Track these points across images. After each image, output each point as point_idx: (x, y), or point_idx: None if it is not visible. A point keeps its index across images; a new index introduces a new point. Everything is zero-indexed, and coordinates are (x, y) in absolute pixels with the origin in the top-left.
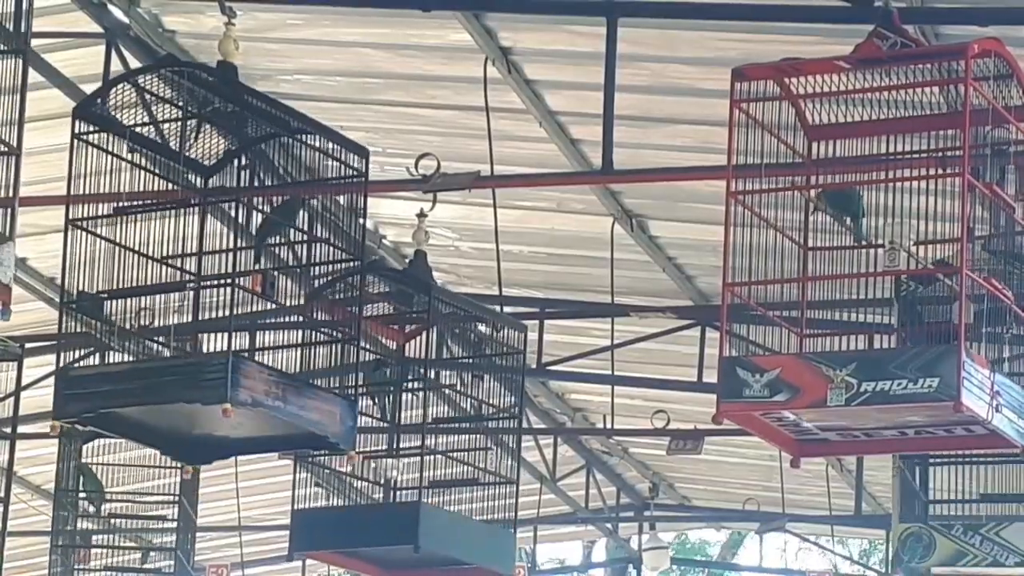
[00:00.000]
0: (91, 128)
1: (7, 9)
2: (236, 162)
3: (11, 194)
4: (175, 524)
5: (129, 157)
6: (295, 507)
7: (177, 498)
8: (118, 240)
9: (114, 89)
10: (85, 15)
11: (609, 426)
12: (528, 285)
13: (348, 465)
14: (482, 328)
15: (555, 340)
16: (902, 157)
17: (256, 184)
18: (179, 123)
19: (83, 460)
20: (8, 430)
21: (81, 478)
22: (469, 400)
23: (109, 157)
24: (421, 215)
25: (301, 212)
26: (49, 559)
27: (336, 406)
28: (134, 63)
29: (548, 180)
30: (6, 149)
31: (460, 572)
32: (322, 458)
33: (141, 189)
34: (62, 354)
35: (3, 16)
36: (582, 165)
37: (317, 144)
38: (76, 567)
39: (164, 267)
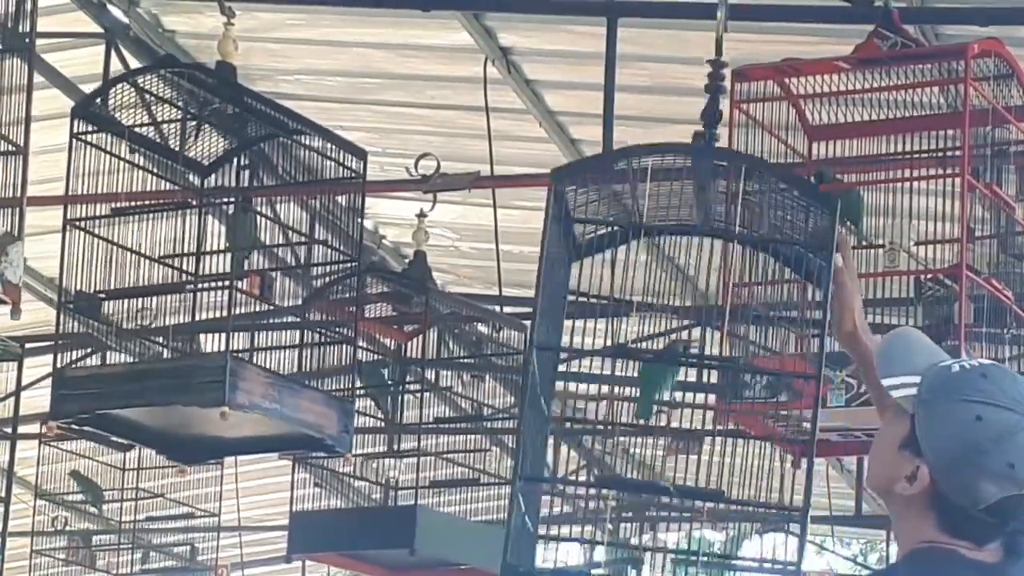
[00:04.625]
0: (90, 128)
1: (11, 8)
2: (235, 162)
3: (19, 194)
4: (183, 524)
5: (128, 157)
6: (294, 508)
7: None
8: (117, 240)
9: (113, 89)
10: (85, 15)
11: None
12: (528, 285)
13: (346, 466)
14: (482, 328)
15: None
16: (902, 157)
17: (255, 184)
18: (178, 123)
19: (104, 463)
20: (8, 430)
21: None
22: (469, 400)
23: (108, 157)
24: (421, 215)
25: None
26: (30, 563)
27: (332, 408)
28: (134, 63)
29: (548, 180)
30: (13, 148)
31: (459, 572)
32: (322, 459)
33: (140, 189)
34: (59, 355)
35: (5, 15)
36: None
37: (315, 145)
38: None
39: (163, 267)
